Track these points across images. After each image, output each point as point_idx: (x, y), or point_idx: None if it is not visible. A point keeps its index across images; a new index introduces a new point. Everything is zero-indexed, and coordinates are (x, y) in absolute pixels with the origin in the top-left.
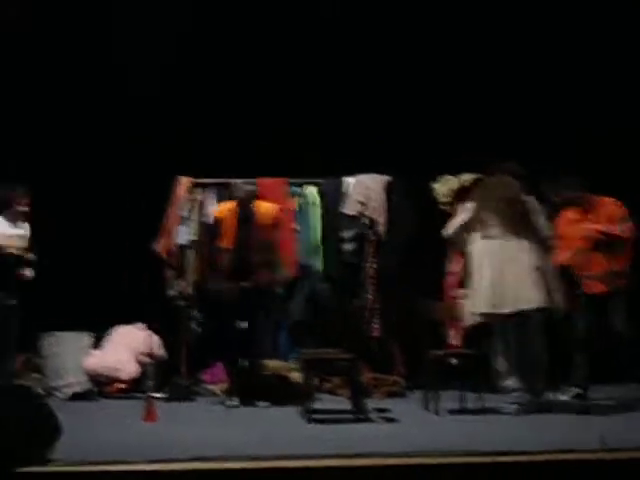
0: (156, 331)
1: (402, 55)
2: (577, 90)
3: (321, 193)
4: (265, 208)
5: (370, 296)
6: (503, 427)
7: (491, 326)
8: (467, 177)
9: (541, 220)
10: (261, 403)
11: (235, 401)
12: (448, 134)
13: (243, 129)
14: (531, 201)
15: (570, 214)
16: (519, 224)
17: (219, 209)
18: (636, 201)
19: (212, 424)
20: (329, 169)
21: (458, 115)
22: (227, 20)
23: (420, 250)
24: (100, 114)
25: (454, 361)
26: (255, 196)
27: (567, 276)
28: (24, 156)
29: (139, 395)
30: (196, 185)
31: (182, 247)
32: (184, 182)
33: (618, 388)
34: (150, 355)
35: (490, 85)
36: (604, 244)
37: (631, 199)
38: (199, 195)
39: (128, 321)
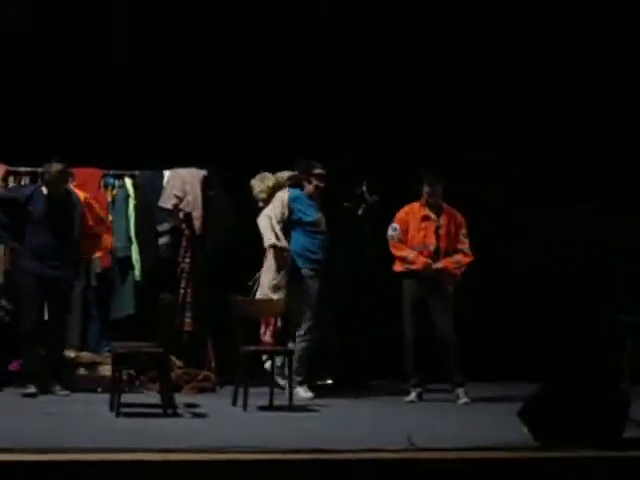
0: None
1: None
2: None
3: (137, 185)
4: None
5: (183, 290)
6: (312, 424)
7: None
8: (283, 174)
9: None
10: (60, 392)
11: (31, 389)
12: (272, 131)
13: (63, 117)
14: None
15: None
16: None
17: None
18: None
19: (18, 415)
20: (146, 162)
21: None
22: None
23: (236, 246)
24: None
25: (265, 357)
26: (65, 176)
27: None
28: None
29: None
30: (10, 173)
31: None
32: None
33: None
34: None
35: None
36: None
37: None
38: (13, 183)
39: None
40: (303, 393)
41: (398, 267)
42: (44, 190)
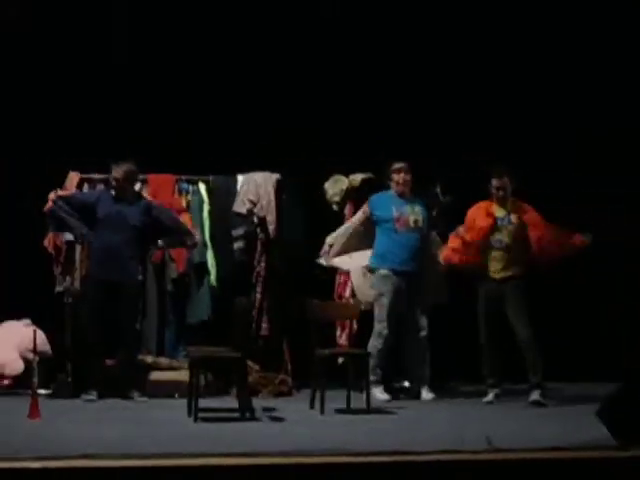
0: (42, 327)
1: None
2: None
3: (211, 190)
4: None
5: (259, 295)
6: (390, 426)
7: None
8: (356, 177)
9: None
10: (138, 398)
11: (92, 395)
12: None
13: (134, 125)
14: None
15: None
16: None
17: None
18: None
19: (97, 421)
20: (220, 166)
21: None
22: None
23: (311, 249)
24: None
25: (341, 360)
26: (132, 177)
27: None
28: None
29: (23, 392)
30: (84, 180)
31: (70, 242)
32: (73, 177)
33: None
34: (35, 351)
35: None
36: None
37: None
38: (87, 190)
39: (14, 317)
40: (379, 395)
41: (452, 258)
42: (112, 192)
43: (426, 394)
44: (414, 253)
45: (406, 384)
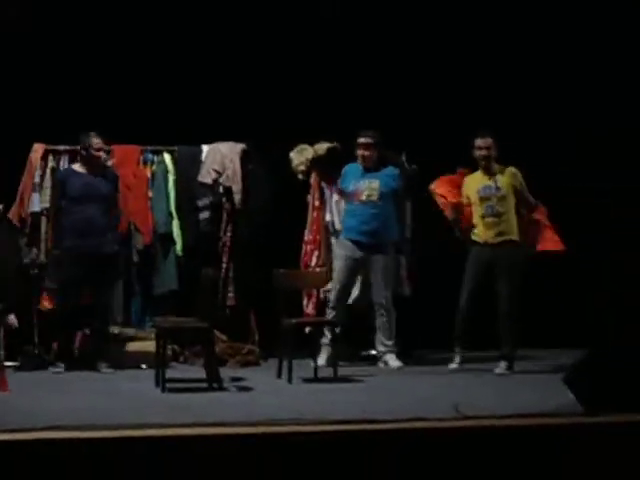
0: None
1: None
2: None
3: (176, 160)
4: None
5: (225, 265)
6: (358, 395)
7: None
8: (322, 146)
9: None
10: (105, 369)
11: (60, 367)
12: (305, 102)
13: (98, 95)
14: None
15: None
16: None
17: None
18: None
19: (65, 393)
20: (185, 136)
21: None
22: None
23: (277, 219)
24: None
25: (308, 329)
26: (102, 149)
27: None
28: None
29: None
30: (49, 152)
31: (35, 214)
32: (38, 148)
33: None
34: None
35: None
36: None
37: None
38: (52, 162)
39: None
40: (394, 362)
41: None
42: (78, 168)
43: (392, 362)
44: (368, 225)
45: (373, 352)
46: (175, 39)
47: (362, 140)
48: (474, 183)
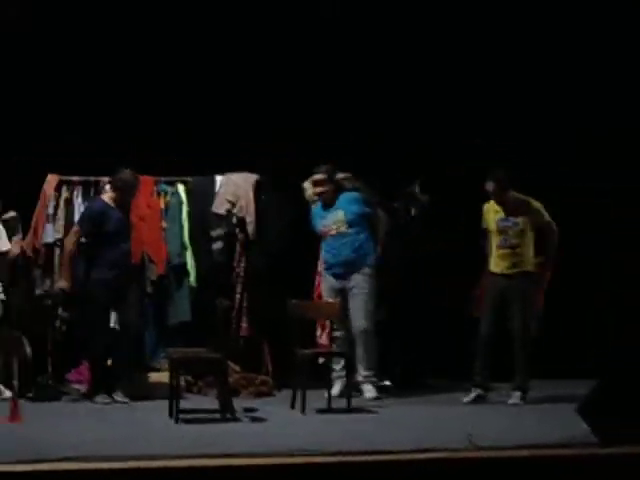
0: (22, 330)
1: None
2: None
3: (189, 191)
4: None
5: (239, 295)
6: (371, 426)
7: None
8: (340, 175)
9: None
10: (120, 399)
11: (106, 398)
12: (318, 133)
13: (112, 127)
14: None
15: None
16: None
17: None
18: None
19: (78, 424)
20: (198, 167)
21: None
22: None
23: (291, 249)
24: None
25: (322, 360)
26: (138, 184)
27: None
28: None
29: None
30: (63, 182)
31: (49, 245)
32: (51, 180)
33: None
34: (16, 354)
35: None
36: None
37: None
38: (66, 193)
39: None
40: (369, 392)
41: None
42: (109, 201)
43: (368, 393)
44: (340, 256)
45: (387, 383)
46: (190, 69)
47: (315, 178)
48: (493, 214)
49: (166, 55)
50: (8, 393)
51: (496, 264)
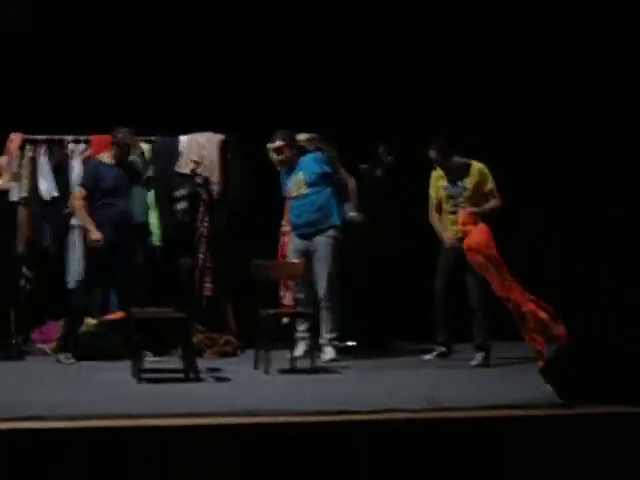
0: None
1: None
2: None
3: (154, 151)
4: None
5: (202, 255)
6: (332, 387)
7: None
8: (301, 136)
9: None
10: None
11: (70, 358)
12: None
13: (77, 85)
14: None
15: None
16: None
17: None
18: None
19: (42, 383)
20: (163, 127)
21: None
22: None
23: (254, 209)
24: None
25: (285, 321)
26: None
27: None
28: None
29: None
30: (27, 141)
31: (13, 204)
32: (15, 138)
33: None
34: None
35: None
36: None
37: None
38: (30, 152)
39: None
40: (326, 354)
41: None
42: (107, 160)
43: (325, 355)
44: (302, 217)
45: (351, 343)
46: (154, 28)
47: (271, 146)
48: (441, 180)
49: (136, 14)
50: None
51: (449, 230)
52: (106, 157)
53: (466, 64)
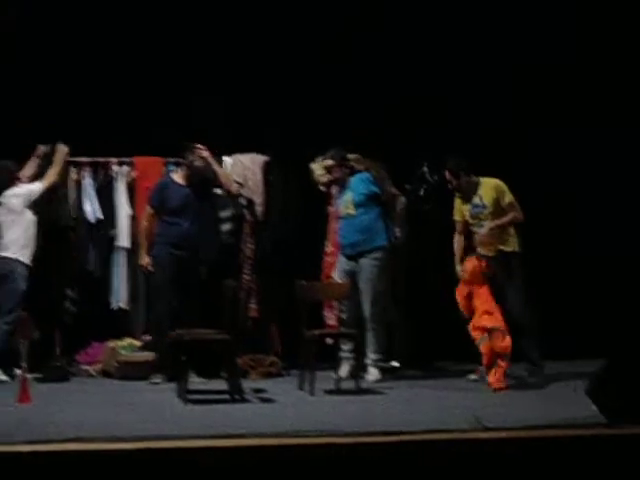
0: (29, 310)
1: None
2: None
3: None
4: None
5: (247, 276)
6: (378, 407)
7: None
8: (351, 156)
9: None
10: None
11: (158, 378)
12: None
13: (122, 109)
14: None
15: None
16: None
17: None
18: None
19: (88, 405)
20: (208, 149)
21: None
22: None
23: (298, 230)
24: None
25: (330, 341)
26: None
27: None
28: None
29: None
30: (70, 164)
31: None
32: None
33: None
34: (24, 335)
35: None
36: None
37: None
38: (75, 174)
39: None
40: (370, 375)
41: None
42: (178, 179)
43: (369, 376)
44: (348, 238)
45: (395, 364)
46: (194, 50)
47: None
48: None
49: (163, 38)
50: (18, 372)
51: (480, 249)
52: (177, 176)
53: (466, 66)
